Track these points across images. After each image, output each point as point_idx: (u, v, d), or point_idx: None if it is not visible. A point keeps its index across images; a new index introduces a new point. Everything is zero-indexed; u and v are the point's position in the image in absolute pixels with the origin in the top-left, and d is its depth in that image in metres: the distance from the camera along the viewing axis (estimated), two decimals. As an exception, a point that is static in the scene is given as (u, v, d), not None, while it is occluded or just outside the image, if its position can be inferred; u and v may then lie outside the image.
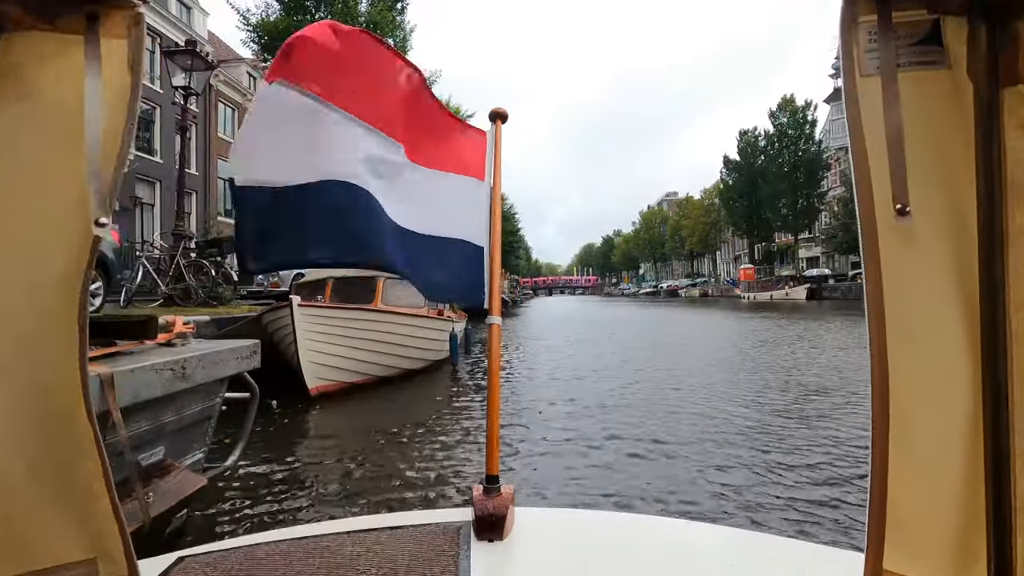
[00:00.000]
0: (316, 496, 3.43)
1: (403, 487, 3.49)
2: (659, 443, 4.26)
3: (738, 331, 14.19)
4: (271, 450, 4.38)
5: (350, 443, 4.52)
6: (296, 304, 6.07)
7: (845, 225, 37.10)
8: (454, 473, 3.71)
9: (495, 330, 1.51)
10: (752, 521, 2.86)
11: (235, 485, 3.55)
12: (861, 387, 6.08)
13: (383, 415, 5.73)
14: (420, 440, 4.66)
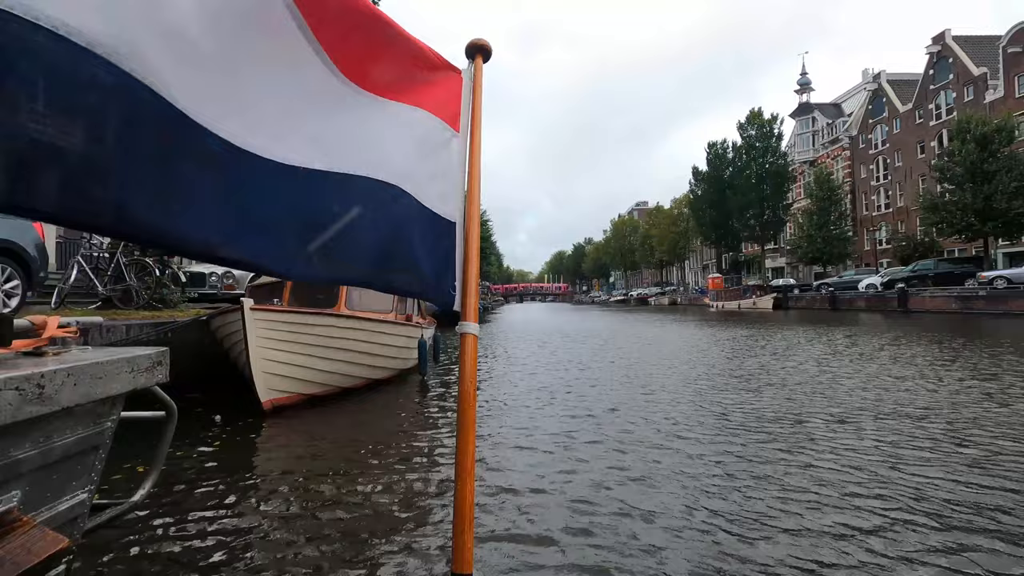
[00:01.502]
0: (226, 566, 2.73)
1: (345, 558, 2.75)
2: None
3: (724, 348, 14.00)
4: (196, 480, 3.77)
5: (295, 478, 3.91)
6: (248, 308, 5.44)
7: (810, 236, 37.95)
8: (417, 527, 3.17)
9: (469, 345, 1.04)
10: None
11: (120, 541, 2.90)
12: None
13: (341, 435, 5.13)
14: (379, 471, 4.10)
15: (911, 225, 37.27)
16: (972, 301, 22.01)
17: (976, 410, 5.25)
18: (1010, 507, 2.98)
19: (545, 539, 2.74)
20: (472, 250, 1.14)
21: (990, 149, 25.04)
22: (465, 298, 1.13)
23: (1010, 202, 24.13)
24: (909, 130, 39.25)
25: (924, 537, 2.66)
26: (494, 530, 2.88)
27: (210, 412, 5.65)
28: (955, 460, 3.81)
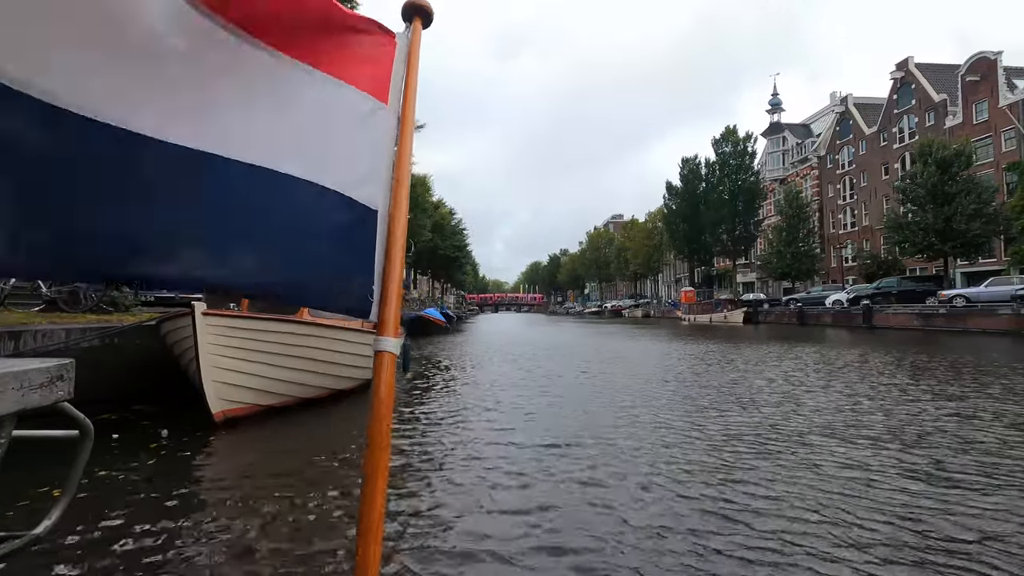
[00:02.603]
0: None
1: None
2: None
3: (699, 367, 14.00)
4: (129, 502, 3.46)
5: (237, 498, 3.62)
6: (199, 312, 5.12)
7: (779, 252, 38.76)
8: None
9: (384, 369, 0.86)
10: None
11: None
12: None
13: (296, 450, 4.84)
14: (333, 490, 3.84)
15: (876, 243, 38.40)
16: (933, 318, 22.66)
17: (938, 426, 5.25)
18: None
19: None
20: (397, 245, 0.95)
21: (950, 172, 25.97)
22: (385, 306, 0.93)
23: (969, 223, 25.01)
24: (874, 152, 40.57)
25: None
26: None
27: (157, 425, 5.29)
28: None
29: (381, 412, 0.87)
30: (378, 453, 0.86)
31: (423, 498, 3.50)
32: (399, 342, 0.92)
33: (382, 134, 0.99)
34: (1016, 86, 30.54)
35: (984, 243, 26.40)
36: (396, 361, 3.69)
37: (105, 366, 6.16)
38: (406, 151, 1.02)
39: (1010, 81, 30.94)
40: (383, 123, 0.99)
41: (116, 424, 5.41)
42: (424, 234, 40.61)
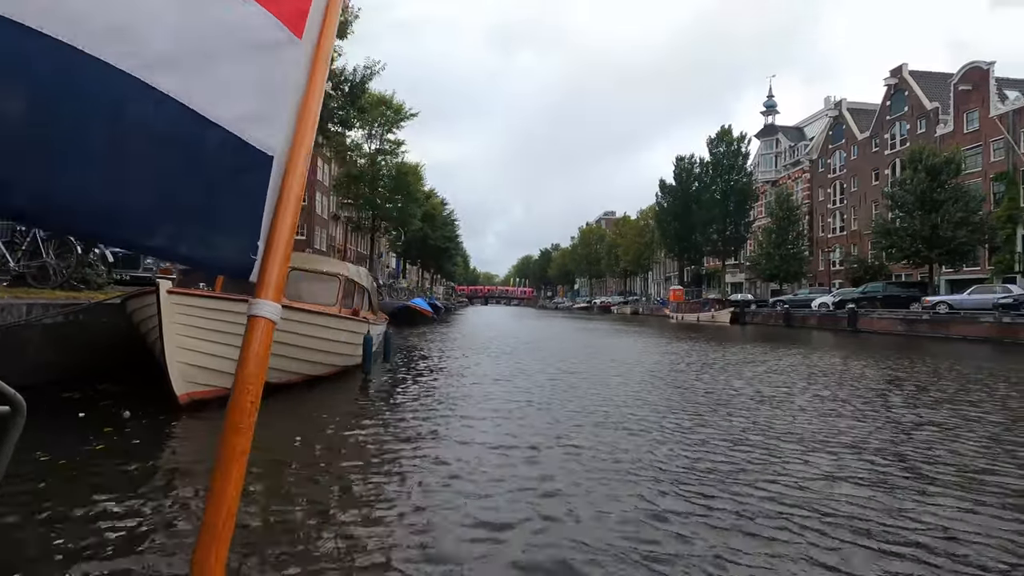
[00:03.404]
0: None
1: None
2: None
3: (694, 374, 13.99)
4: (78, 486, 3.32)
5: (190, 485, 3.49)
6: (164, 290, 4.95)
7: (768, 254, 38.92)
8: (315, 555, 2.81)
9: (257, 338, 0.75)
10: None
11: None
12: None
13: (260, 436, 4.70)
14: (290, 478, 3.72)
15: (863, 248, 38.67)
16: (916, 324, 22.86)
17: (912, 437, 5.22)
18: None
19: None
20: (291, 198, 0.83)
21: (939, 180, 26.13)
22: (267, 264, 0.81)
23: (955, 231, 25.21)
24: (865, 157, 40.77)
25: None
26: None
27: (121, 405, 5.13)
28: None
29: (245, 387, 0.75)
30: (235, 436, 0.74)
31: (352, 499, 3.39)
32: (277, 308, 0.80)
33: (289, 70, 0.86)
34: (1007, 97, 30.76)
35: (969, 251, 26.64)
36: (374, 349, 3.47)
37: (70, 344, 5.98)
38: (315, 93, 0.89)
39: (1001, 92, 31.16)
40: (292, 59, 0.87)
41: (78, 403, 5.25)
42: (414, 223, 40.31)
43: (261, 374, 0.78)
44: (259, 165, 0.83)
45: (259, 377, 0.78)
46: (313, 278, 7.49)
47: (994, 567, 2.52)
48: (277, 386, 6.31)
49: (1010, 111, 29.82)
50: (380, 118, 32.24)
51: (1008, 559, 2.60)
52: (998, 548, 2.71)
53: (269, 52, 0.83)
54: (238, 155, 0.81)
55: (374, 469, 3.78)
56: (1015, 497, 3.43)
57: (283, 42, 0.85)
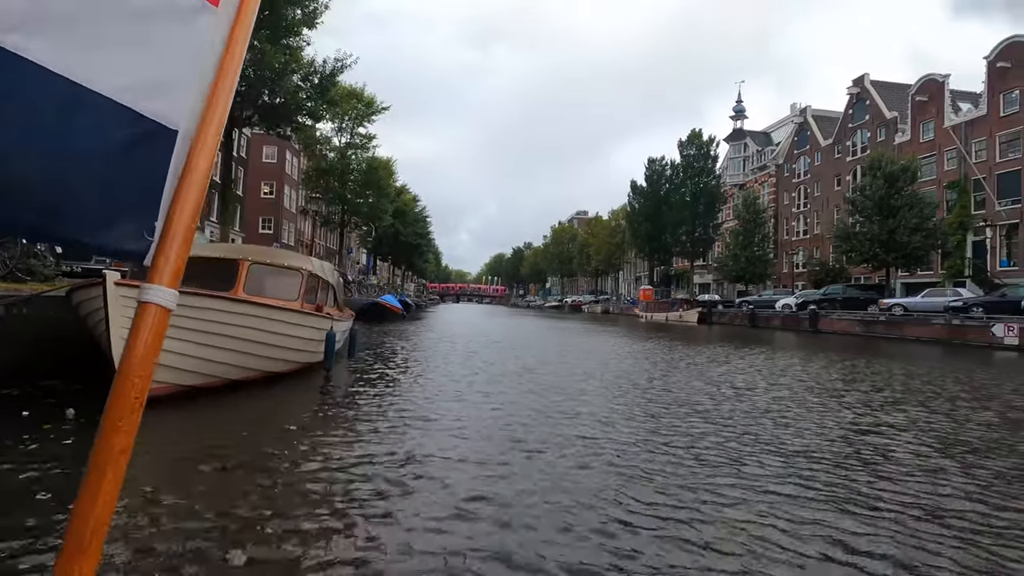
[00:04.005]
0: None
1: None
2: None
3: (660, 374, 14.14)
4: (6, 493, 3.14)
5: (132, 488, 3.35)
6: (111, 283, 4.73)
7: (735, 255, 39.78)
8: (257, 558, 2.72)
9: (146, 326, 0.68)
10: None
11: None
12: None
13: (212, 435, 4.55)
14: (240, 480, 3.60)
15: (825, 251, 39.86)
16: (873, 325, 23.68)
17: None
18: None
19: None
20: (195, 176, 0.76)
21: (896, 187, 27.10)
22: (164, 247, 0.74)
23: (910, 236, 26.20)
24: (828, 163, 42.04)
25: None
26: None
27: (65, 403, 4.89)
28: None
29: (130, 380, 0.69)
30: (114, 435, 0.67)
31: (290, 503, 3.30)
32: (172, 295, 0.74)
33: (202, 39, 0.79)
34: (960, 108, 32.13)
35: (923, 256, 27.73)
36: (338, 346, 3.31)
37: (11, 337, 5.67)
38: (232, 65, 0.82)
39: (955, 103, 32.52)
40: (206, 26, 0.80)
41: (19, 400, 4.99)
42: (385, 219, 39.83)
43: (149, 366, 0.71)
44: (158, 139, 0.76)
45: (147, 370, 0.71)
46: (274, 272, 7.29)
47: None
48: (235, 383, 6.12)
49: (963, 122, 31.14)
50: (351, 111, 31.71)
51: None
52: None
53: (176, 17, 0.76)
54: (131, 128, 0.74)
55: (320, 474, 3.67)
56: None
57: (196, 7, 0.78)
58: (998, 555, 2.65)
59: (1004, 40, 29.35)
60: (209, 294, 5.77)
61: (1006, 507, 3.28)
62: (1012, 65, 28.58)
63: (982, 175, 29.31)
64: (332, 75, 20.03)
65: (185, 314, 5.42)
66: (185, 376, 5.55)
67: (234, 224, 31.78)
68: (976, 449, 4.68)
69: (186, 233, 0.77)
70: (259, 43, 17.31)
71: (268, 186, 40.20)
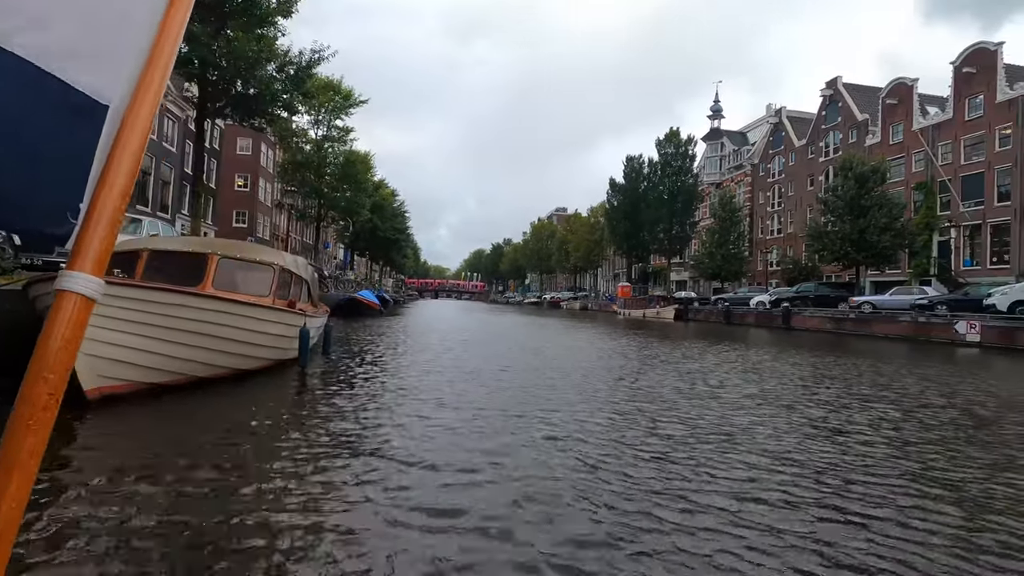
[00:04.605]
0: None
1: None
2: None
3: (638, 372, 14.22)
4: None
5: (97, 493, 3.23)
6: (70, 277, 4.53)
7: (711, 253, 40.37)
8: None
9: (63, 319, 0.62)
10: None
11: None
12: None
13: (173, 436, 4.41)
14: (198, 485, 3.49)
15: (798, 250, 40.68)
16: (843, 322, 24.25)
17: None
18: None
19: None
20: (126, 155, 0.70)
21: (866, 187, 27.78)
22: (87, 230, 0.68)
23: (880, 235, 26.88)
24: (802, 163, 42.86)
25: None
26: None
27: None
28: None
29: (42, 376, 0.63)
30: (23, 434, 0.60)
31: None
32: (96, 283, 0.67)
33: (137, 11, 0.73)
34: (928, 112, 33.04)
35: (892, 255, 28.49)
36: (312, 342, 3.17)
37: (-38, 334, 5.41)
38: (170, 37, 0.76)
39: (923, 107, 33.42)
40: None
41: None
42: (363, 213, 39.35)
43: (67, 361, 0.65)
44: (87, 114, 0.70)
45: (64, 364, 0.65)
46: (245, 267, 7.11)
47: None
48: (203, 380, 5.96)
49: (930, 125, 32.04)
50: (327, 104, 31.22)
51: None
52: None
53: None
54: (56, 98, 0.67)
55: (283, 476, 3.58)
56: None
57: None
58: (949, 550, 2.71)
59: (969, 46, 30.24)
60: (175, 289, 5.60)
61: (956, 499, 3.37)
62: (977, 71, 29.48)
63: (948, 177, 30.22)
64: (308, 67, 19.65)
65: (150, 309, 5.26)
66: (149, 373, 5.38)
67: (206, 217, 31.04)
68: (937, 447, 4.80)
69: (113, 216, 0.70)
70: (232, 32, 16.90)
71: (242, 179, 39.33)
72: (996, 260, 28.03)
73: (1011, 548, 2.73)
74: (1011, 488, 3.64)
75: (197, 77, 17.87)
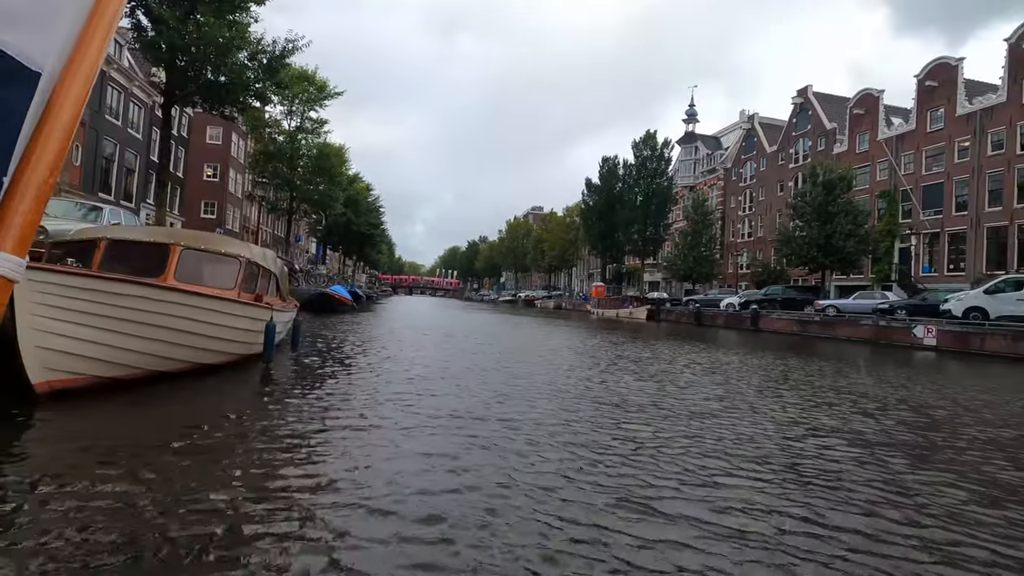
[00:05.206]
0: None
1: None
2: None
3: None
4: None
5: (20, 491, 3.08)
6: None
7: (683, 255, 41.05)
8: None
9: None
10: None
11: None
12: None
13: (125, 433, 4.25)
14: (143, 485, 3.38)
15: (767, 254, 41.59)
16: (809, 325, 24.91)
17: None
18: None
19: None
20: (57, 125, 0.65)
21: (833, 194, 28.59)
22: (9, 205, 0.64)
23: (845, 241, 27.71)
24: (773, 169, 43.87)
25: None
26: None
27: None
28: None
29: None
30: None
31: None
32: (16, 263, 0.62)
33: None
34: (892, 123, 34.16)
35: (856, 260, 29.39)
36: (280, 338, 3.08)
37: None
38: (108, 8, 0.71)
39: (888, 118, 34.54)
40: None
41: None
42: (337, 207, 38.76)
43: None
44: (17, 78, 0.64)
45: None
46: (210, 259, 6.91)
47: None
48: (163, 375, 5.77)
49: (894, 136, 33.13)
50: (301, 94, 30.63)
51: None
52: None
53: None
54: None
55: (230, 482, 3.48)
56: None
57: None
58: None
59: (932, 61, 31.37)
60: (133, 280, 5.40)
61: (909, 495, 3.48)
62: (939, 84, 30.59)
63: (909, 186, 31.30)
64: (282, 56, 19.21)
65: (108, 301, 5.06)
66: (104, 367, 5.17)
67: (172, 207, 30.15)
68: (896, 448, 4.95)
69: (40, 191, 0.65)
70: (202, 16, 16.42)
71: (212, 168, 38.28)
72: (953, 267, 29.17)
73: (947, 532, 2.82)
74: (943, 480, 3.77)
75: (164, 62, 17.33)
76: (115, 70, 25.41)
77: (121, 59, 25.94)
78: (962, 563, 2.62)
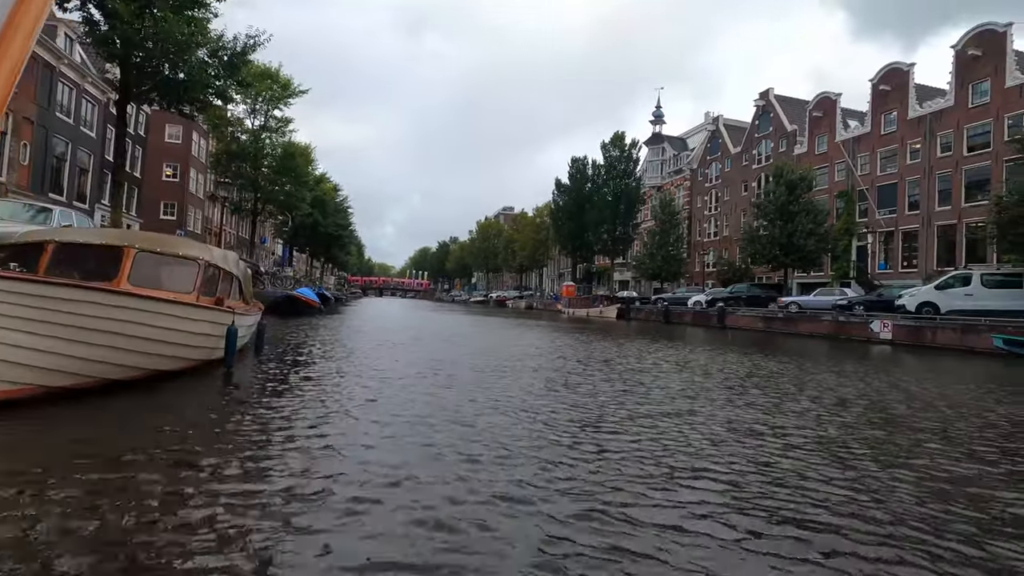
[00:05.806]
0: None
1: None
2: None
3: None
4: None
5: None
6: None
7: (652, 254, 41.71)
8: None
9: None
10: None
11: None
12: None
13: (67, 447, 4.06)
14: (85, 500, 3.23)
15: (733, 252, 42.63)
16: (773, 322, 25.59)
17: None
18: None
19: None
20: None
21: (795, 194, 29.48)
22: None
23: (806, 239, 28.60)
24: (737, 170, 44.95)
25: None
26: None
27: None
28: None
29: None
30: None
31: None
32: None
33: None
34: (849, 125, 35.40)
35: (816, 258, 30.34)
36: (243, 342, 2.98)
37: None
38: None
39: (845, 120, 35.80)
40: None
41: None
42: (303, 208, 38.02)
43: None
44: None
45: None
46: (167, 262, 6.66)
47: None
48: (116, 383, 5.53)
49: (851, 138, 34.35)
50: (265, 93, 29.93)
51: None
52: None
53: None
54: None
55: (182, 494, 3.36)
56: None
57: None
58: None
59: (885, 66, 32.65)
60: (84, 285, 5.16)
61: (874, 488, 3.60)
62: (892, 88, 31.86)
63: (866, 187, 32.49)
64: (244, 53, 18.71)
65: (55, 307, 4.83)
66: (53, 376, 4.93)
67: (129, 208, 29.08)
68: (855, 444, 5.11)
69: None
70: (159, 11, 15.86)
71: (171, 168, 37.01)
72: (906, 264, 30.40)
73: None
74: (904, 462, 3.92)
75: (119, 58, 16.68)
76: (65, 65, 24.34)
77: (72, 54, 24.85)
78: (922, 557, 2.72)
